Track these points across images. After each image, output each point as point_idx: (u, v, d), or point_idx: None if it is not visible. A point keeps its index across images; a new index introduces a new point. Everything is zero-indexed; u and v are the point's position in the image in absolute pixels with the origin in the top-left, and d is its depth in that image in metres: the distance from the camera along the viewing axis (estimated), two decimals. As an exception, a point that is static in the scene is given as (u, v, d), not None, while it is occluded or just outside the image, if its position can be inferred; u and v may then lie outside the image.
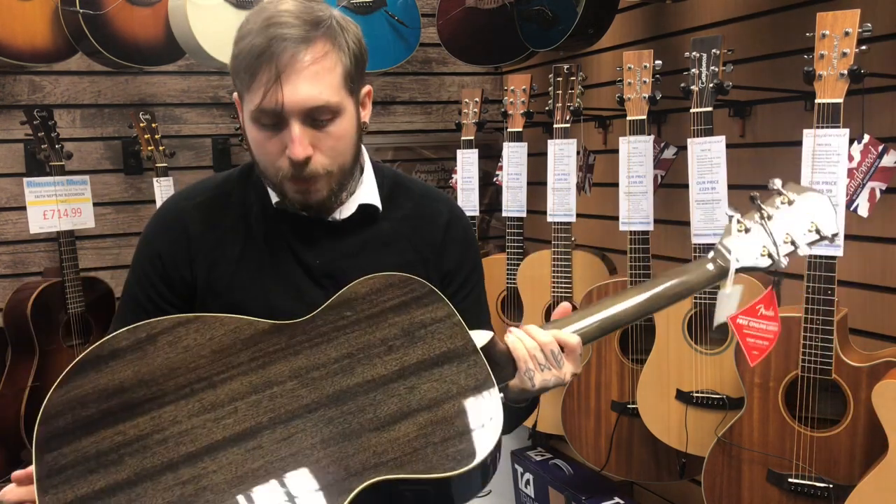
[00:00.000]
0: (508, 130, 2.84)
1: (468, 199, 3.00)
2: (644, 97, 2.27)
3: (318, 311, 1.21)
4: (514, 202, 2.84)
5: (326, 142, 1.21)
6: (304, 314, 1.21)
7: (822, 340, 1.79)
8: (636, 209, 2.31)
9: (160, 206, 1.39)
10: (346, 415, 1.14)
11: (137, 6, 2.70)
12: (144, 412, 1.13)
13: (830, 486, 1.84)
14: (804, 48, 1.84)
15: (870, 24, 1.75)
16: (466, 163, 3.03)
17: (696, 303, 2.16)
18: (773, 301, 1.44)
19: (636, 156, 2.30)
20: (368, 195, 1.33)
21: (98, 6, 2.61)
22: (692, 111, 2.08)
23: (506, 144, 2.85)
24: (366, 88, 1.30)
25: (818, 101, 1.79)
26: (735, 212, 1.35)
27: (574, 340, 1.21)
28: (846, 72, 1.75)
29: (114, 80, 3.12)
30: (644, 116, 2.29)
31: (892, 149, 1.84)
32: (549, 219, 2.63)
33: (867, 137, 1.85)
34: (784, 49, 2.30)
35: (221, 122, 3.28)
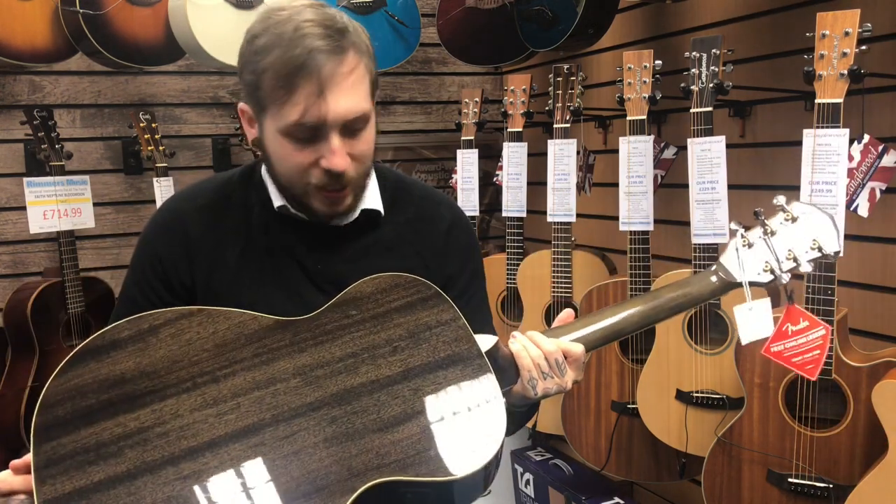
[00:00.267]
0: (508, 130, 2.84)
1: (468, 199, 3.00)
2: (644, 97, 2.27)
3: (323, 309, 1.21)
4: (514, 202, 2.84)
5: (358, 149, 1.21)
6: None
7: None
8: (636, 209, 2.31)
9: (160, 208, 1.37)
10: (350, 415, 1.14)
11: (137, 6, 2.70)
12: (145, 404, 1.12)
13: (830, 486, 1.84)
14: (804, 48, 1.84)
15: (870, 24, 1.75)
16: (466, 163, 3.03)
17: (696, 303, 2.16)
18: (800, 313, 1.43)
19: (636, 156, 2.30)
20: (372, 200, 1.33)
21: (98, 6, 2.61)
22: (692, 111, 2.08)
23: (506, 144, 2.85)
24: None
25: (818, 101, 1.79)
26: (739, 226, 1.36)
27: (578, 350, 1.22)
28: (846, 72, 1.75)
29: (114, 80, 3.12)
30: (644, 116, 2.29)
31: (892, 149, 1.84)
32: (549, 219, 2.63)
33: (867, 137, 1.85)
34: (784, 49, 2.30)
35: (221, 122, 3.28)
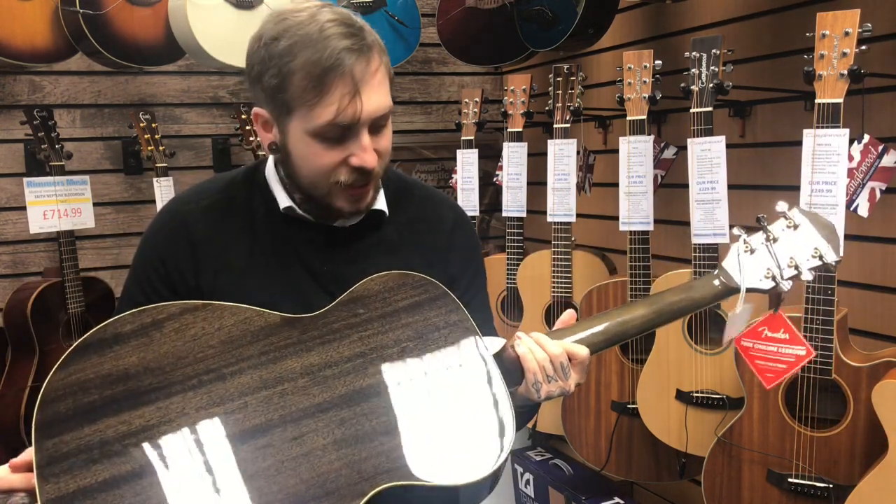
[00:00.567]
0: (508, 130, 2.84)
1: (468, 199, 3.00)
2: (644, 97, 2.27)
3: (331, 307, 1.20)
4: (514, 202, 2.84)
5: (382, 145, 1.23)
6: None
7: (822, 340, 1.79)
8: (636, 209, 2.31)
9: (163, 209, 1.36)
10: (359, 416, 1.13)
11: (137, 6, 2.70)
12: (150, 402, 1.10)
13: (830, 486, 1.84)
14: (804, 48, 1.84)
15: (870, 24, 1.75)
16: (466, 163, 3.03)
17: (696, 303, 2.16)
18: (784, 323, 1.42)
19: (636, 156, 2.30)
20: (377, 200, 1.33)
21: (98, 6, 2.61)
22: (692, 111, 2.08)
23: (506, 144, 2.85)
24: None
25: (818, 101, 1.79)
26: (742, 231, 1.35)
27: (584, 353, 1.21)
28: (846, 72, 1.75)
29: (114, 80, 3.12)
30: (644, 116, 2.29)
31: (892, 149, 1.84)
32: (549, 219, 2.63)
33: (867, 137, 1.84)
34: (784, 49, 2.30)
35: (221, 122, 3.28)
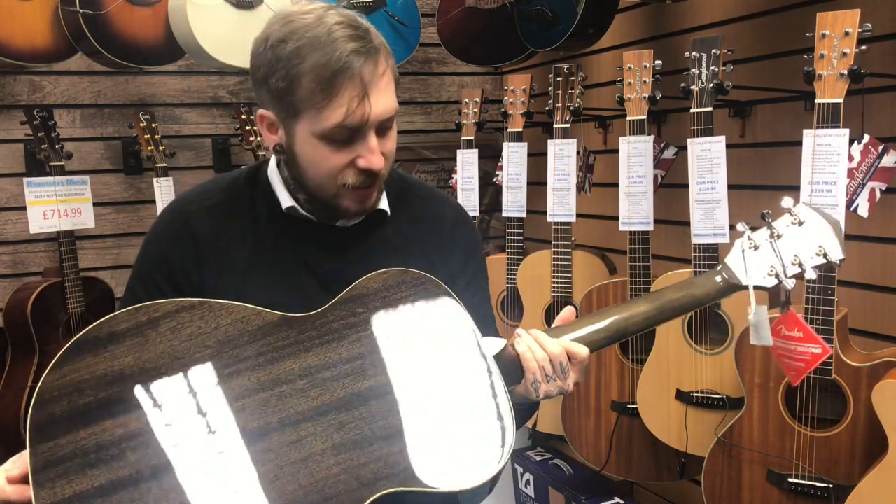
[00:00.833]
0: (508, 130, 2.84)
1: (468, 199, 3.00)
2: (644, 97, 2.27)
3: (329, 306, 1.19)
4: (514, 202, 2.84)
5: (388, 147, 1.23)
6: None
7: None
8: (636, 209, 2.31)
9: (166, 208, 1.37)
10: (358, 420, 1.11)
11: (137, 6, 2.70)
12: (144, 405, 1.07)
13: (830, 486, 1.84)
14: (804, 48, 1.84)
15: (870, 24, 1.75)
16: (466, 163, 3.03)
17: (696, 303, 2.16)
18: (797, 321, 1.40)
19: (636, 156, 2.30)
20: (380, 200, 1.33)
21: (98, 6, 2.61)
22: (692, 111, 2.08)
23: (506, 144, 2.85)
24: None
25: (818, 101, 1.78)
26: (746, 227, 1.33)
27: (584, 353, 1.20)
28: (846, 72, 1.75)
29: (114, 80, 3.12)
30: (644, 116, 2.29)
31: (892, 149, 1.84)
32: (549, 219, 2.63)
33: (867, 137, 1.84)
34: (784, 49, 2.30)
35: (221, 122, 3.28)
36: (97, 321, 1.11)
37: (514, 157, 2.83)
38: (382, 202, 1.33)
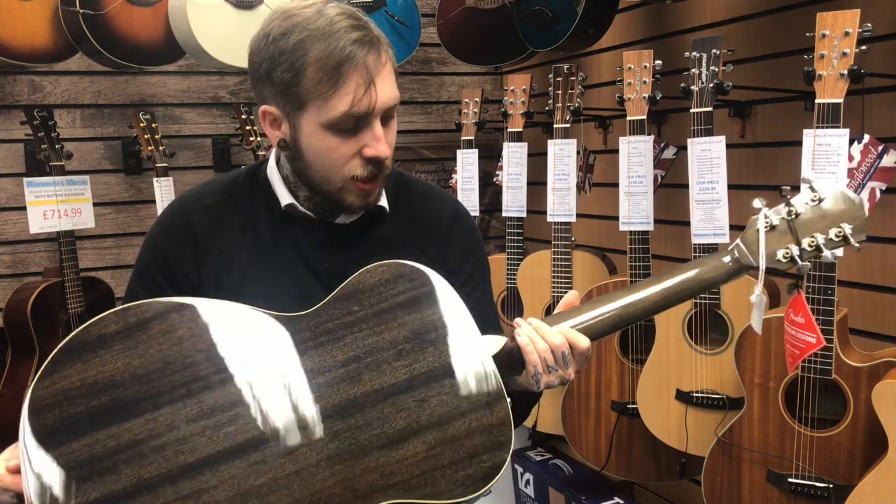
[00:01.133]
0: (508, 130, 2.84)
1: (468, 199, 3.00)
2: (644, 97, 2.27)
3: (325, 303, 1.16)
4: (514, 202, 2.84)
5: (390, 138, 1.24)
6: None
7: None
8: (636, 209, 2.31)
9: (166, 207, 1.37)
10: (353, 429, 1.09)
11: (137, 6, 2.70)
12: (138, 413, 1.06)
13: (830, 486, 1.84)
14: (804, 48, 1.84)
15: (870, 24, 1.75)
16: (466, 163, 3.03)
17: (696, 303, 2.16)
18: (803, 307, 1.35)
19: (636, 156, 2.30)
20: (381, 196, 1.33)
21: (98, 6, 2.61)
22: (692, 111, 2.08)
23: (506, 144, 2.85)
24: None
25: (818, 101, 1.78)
26: (763, 204, 1.26)
27: (585, 343, 1.19)
28: (846, 72, 1.75)
29: (114, 80, 3.12)
30: (644, 116, 2.29)
31: (892, 149, 1.84)
32: (549, 219, 2.63)
33: (867, 137, 1.84)
34: (784, 49, 2.30)
35: (221, 122, 3.28)
36: (85, 324, 1.09)
37: (514, 157, 2.83)
38: (381, 199, 1.33)
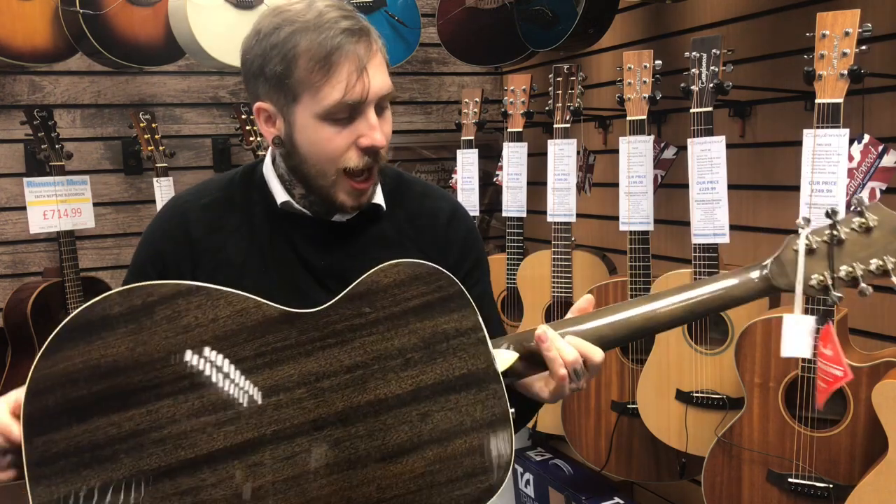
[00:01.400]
0: (508, 130, 2.84)
1: (468, 199, 3.00)
2: (644, 97, 2.27)
3: (335, 302, 1.13)
4: (514, 202, 2.84)
5: (385, 130, 1.24)
6: None
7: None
8: (636, 209, 2.31)
9: (163, 207, 1.38)
10: (354, 438, 1.07)
11: (137, 6, 2.70)
12: (140, 403, 1.05)
13: (830, 486, 1.84)
14: (804, 48, 1.84)
15: (870, 24, 1.75)
16: (466, 163, 3.03)
17: (696, 303, 2.16)
18: (830, 338, 1.28)
19: (636, 156, 2.30)
20: (375, 194, 1.33)
21: (98, 6, 2.61)
22: (692, 111, 2.08)
23: (506, 144, 2.85)
24: None
25: (818, 101, 1.78)
26: (808, 224, 1.18)
27: (598, 358, 1.17)
28: (846, 72, 1.75)
29: (114, 80, 3.12)
30: (644, 116, 2.29)
31: (892, 149, 1.84)
32: (549, 219, 2.63)
33: (867, 137, 1.84)
34: (784, 49, 2.30)
35: (221, 122, 3.28)
36: (89, 302, 1.06)
37: (514, 157, 2.83)
38: (378, 197, 1.33)
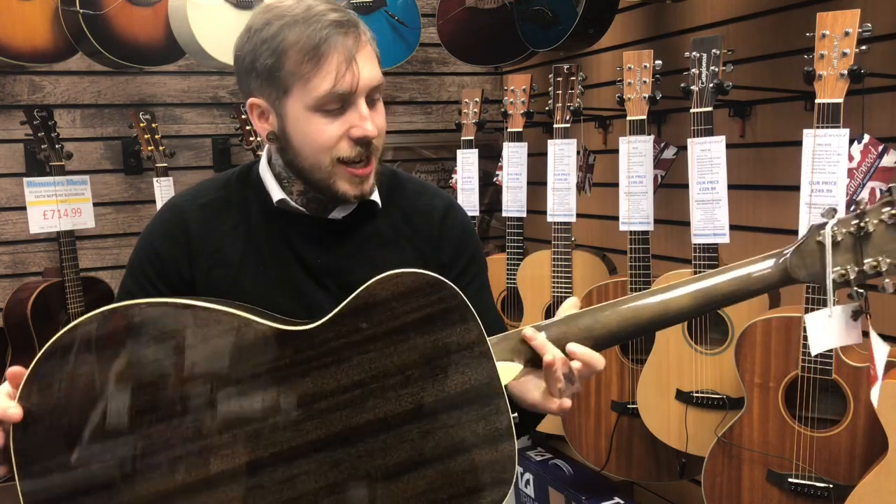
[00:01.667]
0: (508, 130, 2.84)
1: (468, 199, 3.00)
2: (644, 97, 2.27)
3: (331, 318, 1.08)
4: (514, 202, 2.84)
5: (378, 122, 1.25)
6: (305, 314, 1.17)
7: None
8: (636, 209, 2.31)
9: (161, 207, 1.39)
10: (354, 459, 1.06)
11: (137, 6, 2.70)
12: (133, 428, 1.03)
13: (830, 486, 1.84)
14: (804, 48, 1.84)
15: (870, 24, 1.75)
16: (466, 163, 3.03)
17: (696, 303, 2.16)
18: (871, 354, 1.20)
19: (636, 156, 2.30)
20: (374, 188, 1.33)
21: (98, 6, 2.61)
22: (692, 111, 2.08)
23: (506, 144, 2.85)
24: None
25: (818, 101, 1.78)
26: (835, 215, 1.12)
27: (600, 366, 1.16)
28: (846, 72, 1.75)
29: (114, 80, 3.12)
30: (644, 116, 2.29)
31: (892, 149, 1.84)
32: (549, 219, 2.63)
33: (867, 137, 1.84)
34: (784, 49, 2.30)
35: (221, 122, 3.28)
36: (75, 322, 1.04)
37: (514, 157, 2.83)
38: (374, 194, 1.33)
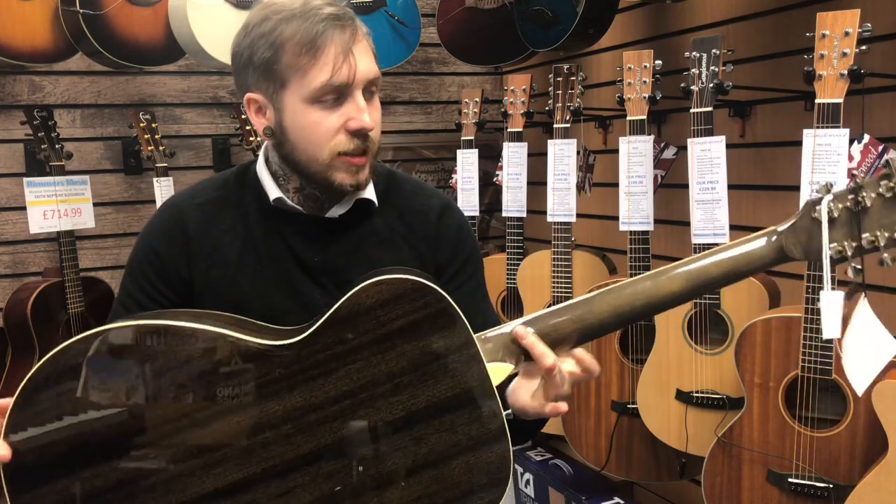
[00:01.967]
0: (508, 130, 2.84)
1: (468, 199, 3.00)
2: (644, 97, 2.27)
3: (316, 329, 1.07)
4: (514, 202, 2.84)
5: (374, 116, 1.26)
6: (303, 313, 1.18)
7: (823, 340, 1.79)
8: (636, 209, 2.31)
9: (160, 207, 1.39)
10: (347, 469, 1.05)
11: (137, 6, 2.70)
12: (124, 451, 1.02)
13: (830, 486, 1.84)
14: (804, 48, 1.84)
15: (870, 24, 1.75)
16: (466, 163, 3.02)
17: (697, 303, 2.16)
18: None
19: (636, 156, 2.30)
20: (366, 190, 1.34)
21: (98, 6, 2.61)
22: (692, 111, 2.08)
23: (506, 144, 2.85)
24: None
25: (818, 101, 1.79)
26: (830, 189, 1.08)
27: (596, 369, 1.18)
28: (846, 72, 1.75)
29: (114, 80, 3.12)
30: (644, 116, 2.29)
31: (892, 149, 1.84)
32: (549, 219, 2.63)
33: (867, 137, 1.84)
34: (784, 49, 2.30)
35: (221, 122, 3.28)
36: (55, 350, 1.03)
37: (514, 157, 2.83)
38: (369, 192, 1.33)
